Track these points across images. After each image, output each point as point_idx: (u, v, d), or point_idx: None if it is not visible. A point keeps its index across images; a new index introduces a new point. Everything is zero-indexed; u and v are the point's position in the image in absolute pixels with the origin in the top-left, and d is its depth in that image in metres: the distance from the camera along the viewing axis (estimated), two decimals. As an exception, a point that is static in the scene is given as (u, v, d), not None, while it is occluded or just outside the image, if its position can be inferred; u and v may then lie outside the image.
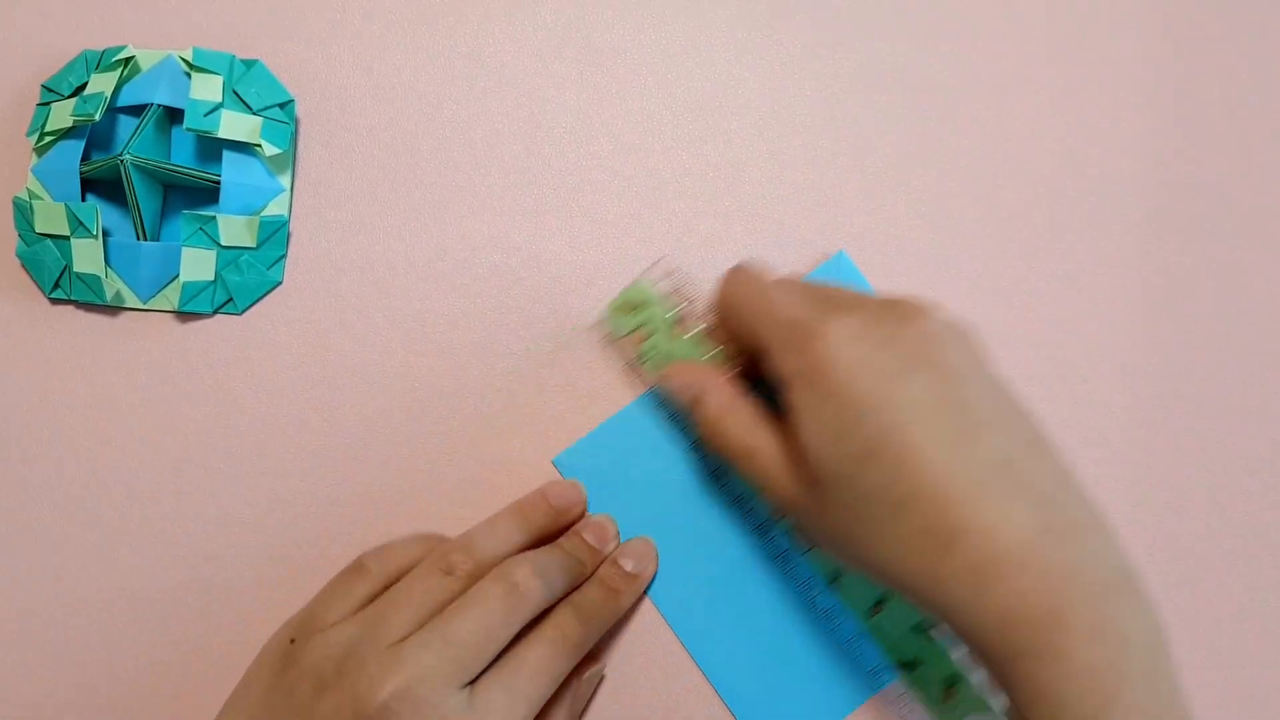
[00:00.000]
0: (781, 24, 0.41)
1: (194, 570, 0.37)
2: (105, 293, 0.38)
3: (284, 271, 0.39)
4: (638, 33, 0.41)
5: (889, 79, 0.41)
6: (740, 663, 0.36)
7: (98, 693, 0.37)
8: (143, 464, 0.38)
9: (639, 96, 0.41)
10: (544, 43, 0.41)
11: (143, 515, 0.38)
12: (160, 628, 0.37)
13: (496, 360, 0.39)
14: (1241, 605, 0.38)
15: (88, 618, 0.37)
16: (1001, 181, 0.41)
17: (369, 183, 0.40)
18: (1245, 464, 0.39)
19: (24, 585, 0.37)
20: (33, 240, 0.38)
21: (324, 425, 0.38)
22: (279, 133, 0.39)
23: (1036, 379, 0.39)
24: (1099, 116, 0.41)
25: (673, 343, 0.37)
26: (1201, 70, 0.42)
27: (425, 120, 0.40)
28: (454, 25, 0.41)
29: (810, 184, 0.40)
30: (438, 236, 0.39)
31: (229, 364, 0.39)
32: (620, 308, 0.38)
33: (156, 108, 0.38)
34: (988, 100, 0.41)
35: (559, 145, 0.40)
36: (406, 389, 0.38)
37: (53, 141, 0.38)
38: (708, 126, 0.41)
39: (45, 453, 0.38)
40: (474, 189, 0.40)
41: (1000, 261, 0.40)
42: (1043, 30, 0.42)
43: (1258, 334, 0.40)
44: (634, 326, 0.37)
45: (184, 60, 0.39)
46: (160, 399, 0.38)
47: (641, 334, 0.37)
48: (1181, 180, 0.41)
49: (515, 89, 0.41)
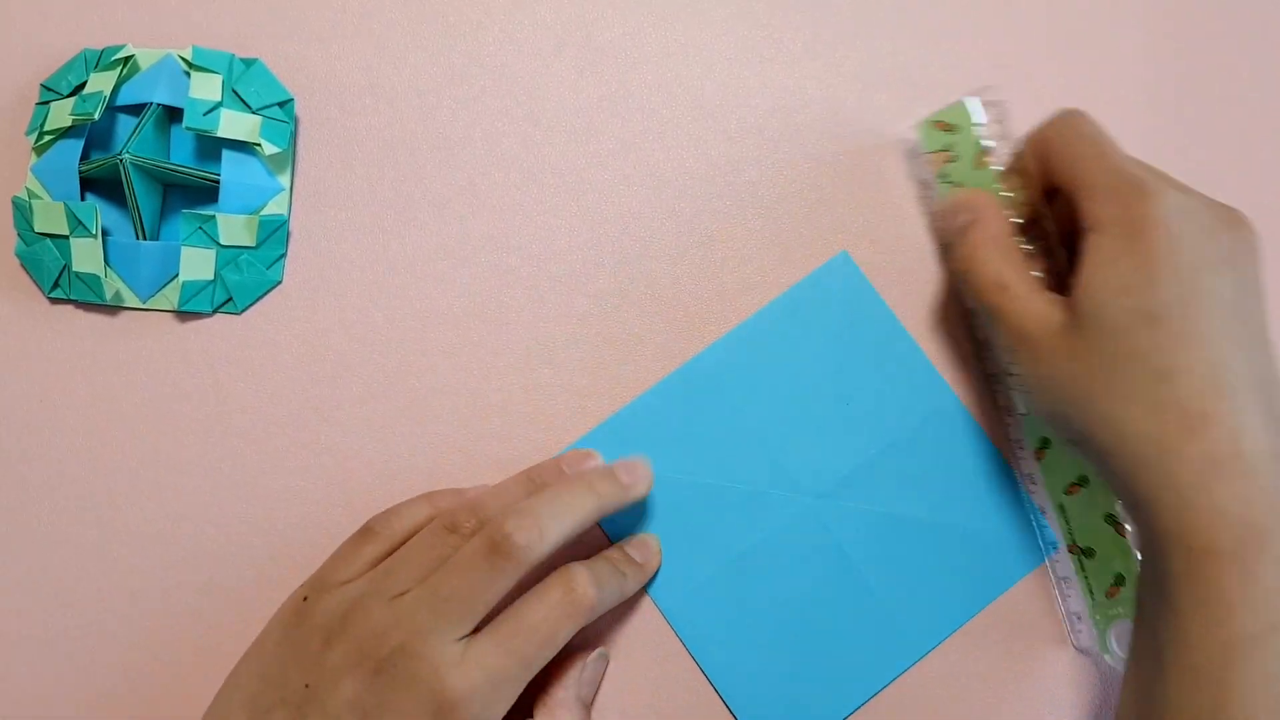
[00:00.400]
0: (781, 22, 0.41)
1: (194, 569, 0.37)
2: (105, 292, 0.38)
3: (283, 271, 0.39)
4: (638, 32, 0.41)
5: (889, 78, 0.41)
6: (741, 662, 0.37)
7: (98, 692, 0.37)
8: (142, 463, 0.38)
9: (639, 95, 0.41)
10: (544, 42, 0.41)
11: (143, 514, 0.38)
12: (160, 627, 0.37)
13: (496, 359, 0.39)
14: None
15: (88, 617, 0.37)
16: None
17: (368, 181, 0.40)
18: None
19: (24, 585, 0.37)
20: (32, 240, 0.38)
21: (323, 424, 0.38)
22: (278, 132, 0.39)
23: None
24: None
25: (974, 171, 0.37)
26: (1201, 70, 0.42)
27: (425, 119, 0.40)
28: (454, 24, 0.41)
29: (811, 183, 0.40)
30: (437, 235, 0.39)
31: (228, 363, 0.39)
32: (934, 123, 0.38)
33: (156, 107, 0.38)
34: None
35: (559, 144, 0.40)
36: (406, 388, 0.38)
37: (52, 141, 0.38)
38: (708, 126, 0.41)
39: (45, 452, 0.38)
40: (474, 188, 0.40)
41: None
42: (1043, 29, 0.42)
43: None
44: (941, 146, 0.38)
45: (183, 59, 0.39)
46: (160, 398, 0.38)
47: (947, 155, 0.38)
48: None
49: (515, 88, 0.41)
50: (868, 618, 0.37)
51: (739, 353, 0.39)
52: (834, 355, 0.39)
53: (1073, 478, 0.37)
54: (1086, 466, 0.36)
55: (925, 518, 0.37)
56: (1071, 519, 0.36)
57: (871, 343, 0.39)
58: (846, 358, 0.39)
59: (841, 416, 0.38)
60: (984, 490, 0.38)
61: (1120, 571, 0.36)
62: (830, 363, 0.38)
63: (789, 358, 0.38)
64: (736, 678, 0.37)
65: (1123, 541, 0.36)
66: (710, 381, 0.38)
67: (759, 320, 0.39)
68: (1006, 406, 0.38)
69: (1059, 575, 0.37)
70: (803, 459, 0.38)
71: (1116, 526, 0.36)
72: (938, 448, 0.38)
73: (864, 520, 0.37)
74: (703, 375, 0.38)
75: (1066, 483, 0.37)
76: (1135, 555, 0.36)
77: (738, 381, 0.38)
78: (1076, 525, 0.36)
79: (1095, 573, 0.36)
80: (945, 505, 0.37)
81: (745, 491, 0.38)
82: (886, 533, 0.37)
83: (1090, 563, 0.36)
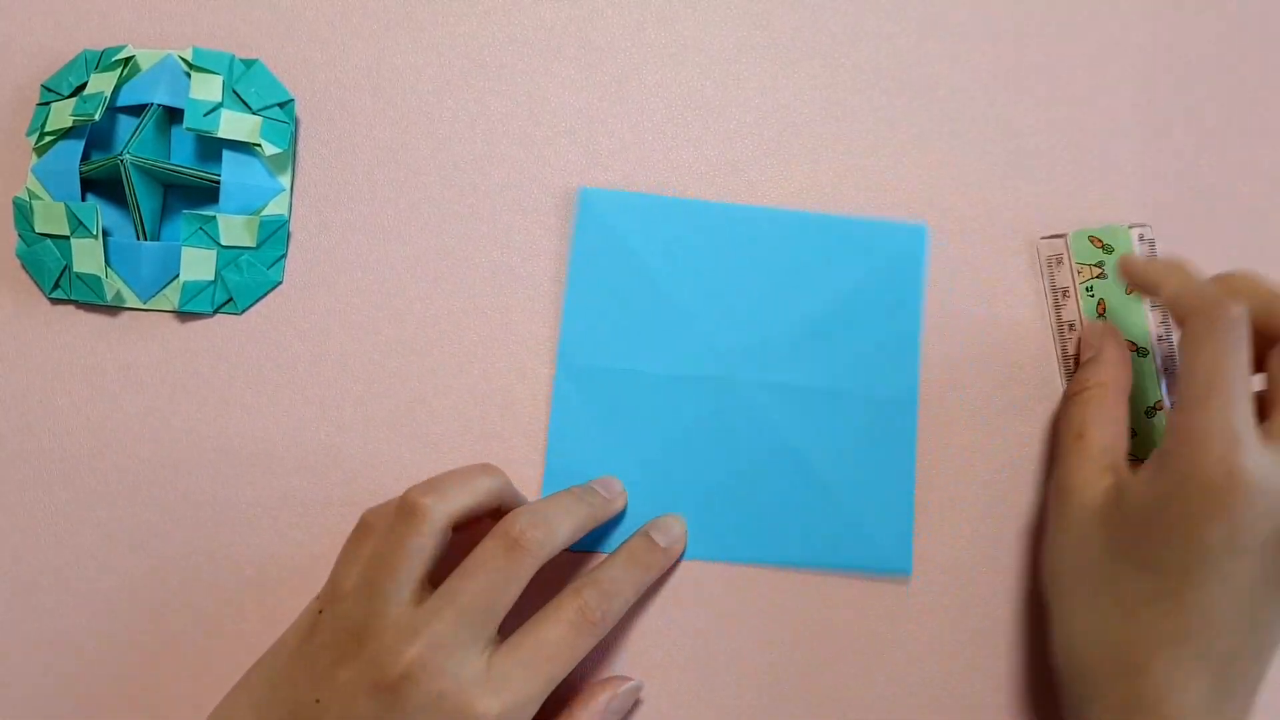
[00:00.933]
0: (781, 21, 0.41)
1: (194, 570, 0.37)
2: (105, 293, 0.38)
3: (284, 271, 0.39)
4: (637, 32, 0.41)
5: (889, 78, 0.41)
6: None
7: (98, 692, 0.37)
8: (143, 463, 0.38)
9: (639, 95, 0.41)
10: (544, 42, 0.41)
11: (143, 515, 0.38)
12: (161, 627, 0.37)
13: (497, 359, 0.39)
14: None
15: (88, 617, 0.37)
16: (1007, 180, 0.41)
17: (369, 182, 0.40)
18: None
19: (24, 585, 0.37)
20: (33, 240, 0.38)
21: (324, 424, 0.38)
22: (279, 132, 0.39)
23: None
24: (1097, 119, 0.41)
25: (1122, 294, 0.38)
26: (1199, 70, 0.42)
27: (425, 119, 0.40)
28: (454, 24, 0.41)
29: (811, 183, 0.40)
30: (438, 235, 0.39)
31: (229, 363, 0.39)
32: (1089, 236, 0.39)
33: (156, 107, 0.38)
34: (990, 97, 0.41)
35: (558, 144, 0.40)
36: (407, 388, 0.38)
37: (52, 141, 0.38)
38: (708, 125, 0.41)
39: (45, 452, 0.38)
40: (474, 188, 0.40)
41: (1012, 264, 0.40)
42: (1048, 27, 0.42)
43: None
44: (1095, 261, 0.38)
45: (184, 60, 0.39)
46: (160, 399, 0.38)
47: (1097, 271, 0.38)
48: (1179, 182, 0.41)
49: (515, 88, 0.41)
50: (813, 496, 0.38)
51: (764, 230, 0.39)
52: (840, 298, 0.39)
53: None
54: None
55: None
56: None
57: (881, 314, 0.39)
58: (849, 309, 0.39)
59: (809, 347, 0.39)
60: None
61: (1152, 404, 0.37)
62: (833, 302, 0.39)
63: (803, 272, 0.39)
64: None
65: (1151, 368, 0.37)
66: (730, 234, 0.39)
67: (805, 220, 0.39)
68: None
69: None
70: (749, 357, 0.38)
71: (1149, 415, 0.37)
72: (872, 424, 0.38)
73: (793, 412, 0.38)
74: (728, 224, 0.39)
75: None
76: (1161, 385, 0.37)
77: (743, 254, 0.39)
78: None
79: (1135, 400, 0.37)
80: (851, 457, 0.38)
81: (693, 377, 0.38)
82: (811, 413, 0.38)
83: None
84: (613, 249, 0.39)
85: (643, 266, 0.39)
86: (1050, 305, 0.39)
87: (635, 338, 0.39)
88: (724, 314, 0.39)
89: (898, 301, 0.39)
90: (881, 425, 0.38)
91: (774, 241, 0.39)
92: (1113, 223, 0.39)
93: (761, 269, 0.39)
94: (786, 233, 0.39)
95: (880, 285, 0.39)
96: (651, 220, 0.39)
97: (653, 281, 0.39)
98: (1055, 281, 0.39)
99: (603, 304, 0.39)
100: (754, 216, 0.39)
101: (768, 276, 0.39)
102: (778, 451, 0.38)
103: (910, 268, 0.39)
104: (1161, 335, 0.38)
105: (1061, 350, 0.39)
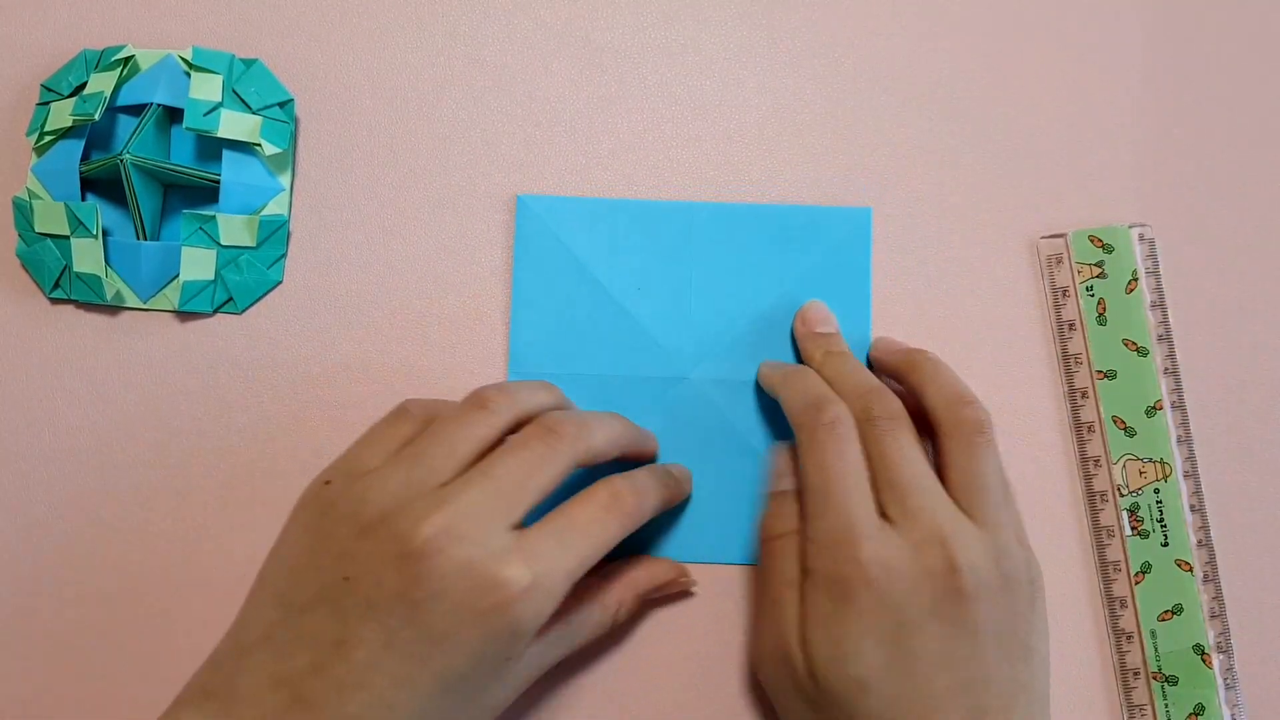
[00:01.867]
0: (781, 21, 0.41)
1: (195, 569, 0.37)
2: (105, 292, 0.38)
3: (284, 271, 0.39)
4: (637, 31, 0.41)
5: (888, 78, 0.41)
6: None
7: (98, 693, 0.37)
8: (143, 463, 0.38)
9: (638, 95, 0.41)
10: (543, 42, 0.41)
11: (142, 514, 0.38)
12: (160, 627, 0.37)
13: (496, 359, 0.39)
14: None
15: (87, 617, 0.37)
16: (1008, 180, 0.41)
17: (369, 181, 0.40)
18: None
19: (23, 585, 0.37)
20: (33, 240, 0.38)
21: (324, 424, 0.38)
22: (278, 132, 0.39)
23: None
24: (1097, 119, 0.41)
25: (1122, 294, 0.38)
26: (1198, 72, 0.42)
27: (425, 119, 0.40)
28: (454, 24, 0.41)
29: (810, 183, 0.40)
30: (437, 235, 0.39)
31: (229, 363, 0.39)
32: (1089, 236, 0.39)
33: (156, 107, 0.38)
34: (989, 98, 0.41)
35: (557, 144, 0.40)
36: (407, 388, 0.38)
37: (52, 141, 0.38)
38: (707, 125, 0.41)
39: (45, 452, 0.38)
40: (473, 187, 0.40)
41: (1012, 264, 0.40)
42: (1048, 27, 0.42)
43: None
44: (1095, 260, 0.38)
45: (183, 59, 0.39)
46: (160, 398, 0.38)
47: (1098, 270, 0.38)
48: (1179, 182, 0.41)
49: (515, 88, 0.41)
50: None
51: (706, 224, 0.39)
52: (787, 289, 0.39)
53: (1168, 605, 0.37)
54: (1183, 593, 0.37)
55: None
56: (1160, 645, 0.36)
57: (831, 301, 0.39)
58: (797, 299, 0.39)
59: (759, 340, 0.39)
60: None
61: (1201, 701, 0.36)
62: (780, 294, 0.39)
63: (748, 265, 0.39)
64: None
65: (1208, 673, 0.36)
66: (673, 231, 0.39)
67: (746, 210, 0.39)
68: (1108, 528, 0.38)
69: (1133, 703, 0.37)
70: (700, 355, 0.38)
71: (1204, 657, 0.36)
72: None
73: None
74: (669, 221, 0.39)
75: (1161, 610, 0.37)
76: (1219, 685, 0.36)
77: (692, 248, 0.39)
78: (1164, 652, 0.36)
79: (1176, 700, 0.36)
80: None
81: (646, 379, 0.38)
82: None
83: (1173, 690, 0.36)
84: (554, 254, 0.39)
85: (585, 270, 0.39)
86: (1050, 305, 0.39)
87: (583, 341, 0.38)
88: (671, 313, 0.39)
89: (847, 286, 0.39)
90: None
91: (717, 235, 0.39)
92: (1113, 222, 0.39)
93: (706, 264, 0.39)
94: (730, 226, 0.39)
95: (828, 271, 0.39)
96: (591, 223, 0.39)
97: (596, 284, 0.39)
98: (1055, 281, 0.39)
99: (548, 309, 0.38)
100: (695, 211, 0.39)
101: (713, 272, 0.39)
102: (734, 450, 0.38)
103: (858, 251, 0.39)
104: (1162, 335, 0.38)
105: (1061, 350, 0.39)
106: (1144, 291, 0.38)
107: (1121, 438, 0.38)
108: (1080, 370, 0.39)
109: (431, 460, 0.30)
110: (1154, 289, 0.39)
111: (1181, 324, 0.39)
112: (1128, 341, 0.38)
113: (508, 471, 0.29)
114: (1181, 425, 0.38)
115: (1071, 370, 0.39)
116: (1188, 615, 0.36)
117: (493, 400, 0.32)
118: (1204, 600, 0.37)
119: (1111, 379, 0.38)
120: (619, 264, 0.39)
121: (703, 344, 0.38)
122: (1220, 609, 0.37)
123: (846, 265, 0.39)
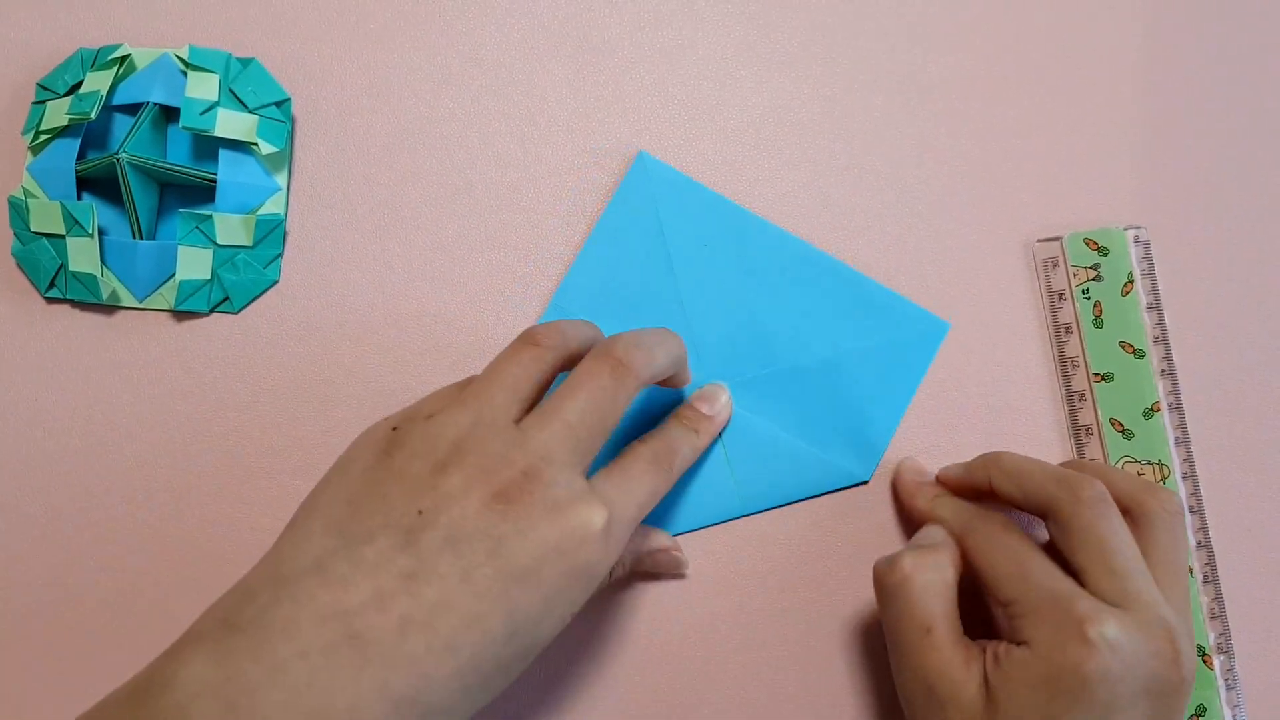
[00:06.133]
0: (779, 22, 0.41)
1: (191, 569, 0.37)
2: (101, 292, 0.38)
3: (280, 270, 0.39)
4: (635, 31, 0.41)
5: (888, 79, 0.41)
6: None
7: (97, 693, 0.37)
8: (139, 463, 0.38)
9: (638, 95, 0.41)
10: (543, 42, 0.41)
11: (140, 515, 0.37)
12: (158, 628, 0.37)
13: (492, 358, 0.39)
14: None
15: (85, 617, 0.37)
16: (1003, 182, 0.41)
17: (366, 181, 0.40)
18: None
19: (21, 585, 0.37)
20: (28, 239, 0.38)
21: (321, 423, 0.38)
22: (275, 131, 0.39)
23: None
24: (1093, 121, 0.41)
25: (1118, 296, 0.38)
26: (1197, 73, 0.42)
27: (422, 119, 0.40)
28: (452, 24, 0.41)
29: (807, 182, 0.40)
30: (434, 235, 0.39)
31: (225, 363, 0.38)
32: (1084, 239, 0.39)
33: (152, 106, 0.38)
34: (987, 101, 0.41)
35: (556, 144, 0.40)
36: (405, 388, 0.38)
37: (48, 140, 0.38)
38: (705, 125, 0.41)
39: (42, 452, 0.38)
40: (471, 187, 0.40)
41: (1007, 267, 0.40)
42: (1043, 31, 0.42)
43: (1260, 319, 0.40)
44: (1091, 263, 0.38)
45: (180, 58, 0.39)
46: (156, 398, 0.38)
47: (1093, 274, 0.38)
48: (1173, 184, 0.41)
49: (514, 88, 0.41)
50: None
51: (792, 261, 0.39)
52: (839, 357, 0.39)
53: None
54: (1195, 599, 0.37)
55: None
56: None
57: (873, 388, 0.39)
58: (842, 370, 0.38)
59: (788, 388, 0.38)
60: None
61: (1202, 702, 0.36)
62: (830, 358, 0.39)
63: (813, 317, 0.39)
64: None
65: (1209, 674, 0.36)
66: (759, 250, 0.39)
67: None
68: None
69: None
70: (728, 365, 0.39)
71: (1204, 658, 0.36)
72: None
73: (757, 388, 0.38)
74: (760, 240, 0.39)
75: None
76: (1220, 686, 0.36)
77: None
78: None
79: None
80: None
81: None
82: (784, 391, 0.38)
83: None
84: (645, 219, 0.39)
85: (665, 247, 0.39)
86: (1046, 308, 0.40)
87: (629, 307, 0.39)
88: (721, 322, 0.39)
89: (893, 382, 0.39)
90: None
91: (801, 275, 0.39)
92: (1108, 225, 0.39)
93: (775, 295, 0.39)
94: (815, 272, 0.39)
95: (883, 360, 0.39)
96: (692, 207, 0.39)
97: (669, 265, 0.39)
98: (1051, 284, 0.39)
99: (613, 266, 0.39)
100: (787, 243, 0.39)
101: (778, 305, 0.39)
102: (739, 424, 0.38)
103: (919, 356, 0.39)
104: (1158, 337, 0.38)
105: (1059, 353, 0.39)
106: (1140, 294, 0.38)
107: (1120, 440, 0.38)
108: (1078, 373, 0.39)
109: (496, 398, 0.29)
110: (1150, 291, 0.39)
111: (1178, 326, 0.39)
112: (1124, 344, 0.38)
113: (582, 415, 0.29)
114: (1179, 427, 0.38)
115: (1069, 373, 0.39)
116: (1193, 622, 0.36)
117: (544, 337, 0.31)
118: (1204, 601, 0.37)
119: (1109, 381, 0.38)
120: (697, 256, 0.39)
121: (733, 365, 0.38)
122: (1220, 610, 0.37)
123: (902, 363, 0.39)
